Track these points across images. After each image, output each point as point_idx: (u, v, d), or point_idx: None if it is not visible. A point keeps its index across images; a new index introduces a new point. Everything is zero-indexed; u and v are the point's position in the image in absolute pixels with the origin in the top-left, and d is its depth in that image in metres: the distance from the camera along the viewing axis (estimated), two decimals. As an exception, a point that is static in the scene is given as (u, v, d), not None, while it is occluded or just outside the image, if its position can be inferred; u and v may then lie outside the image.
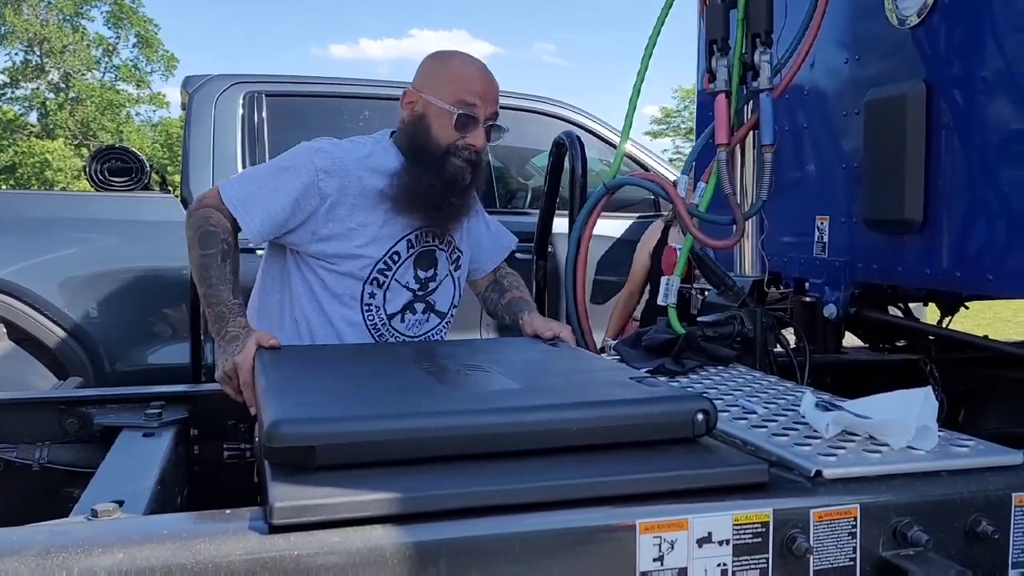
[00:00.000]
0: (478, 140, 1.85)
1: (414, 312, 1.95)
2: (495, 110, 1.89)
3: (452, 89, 1.85)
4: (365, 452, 1.04)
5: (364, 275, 1.87)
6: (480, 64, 1.92)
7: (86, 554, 0.85)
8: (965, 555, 1.08)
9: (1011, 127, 1.71)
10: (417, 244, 1.93)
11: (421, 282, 1.95)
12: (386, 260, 1.89)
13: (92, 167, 3.64)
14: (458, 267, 2.04)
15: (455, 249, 2.02)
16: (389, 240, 1.88)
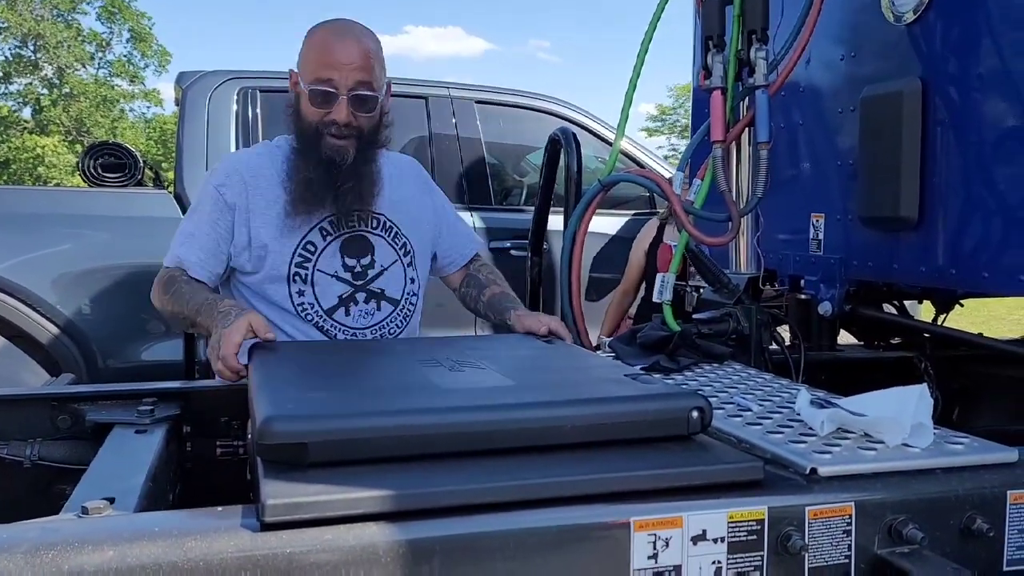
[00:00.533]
0: (339, 114, 1.79)
1: (356, 303, 1.90)
2: (363, 77, 1.81)
3: (311, 65, 1.81)
4: (358, 449, 1.03)
5: (283, 273, 1.85)
6: (345, 32, 1.84)
7: (76, 552, 0.84)
8: (960, 553, 1.08)
9: (1007, 124, 1.71)
10: (337, 230, 1.88)
11: (354, 271, 1.90)
12: (301, 252, 1.85)
13: (85, 163, 3.63)
14: (408, 253, 1.98)
15: (398, 235, 1.97)
16: (298, 231, 1.85)
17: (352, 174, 1.84)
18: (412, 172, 2.13)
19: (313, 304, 1.87)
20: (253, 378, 1.32)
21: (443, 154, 4.07)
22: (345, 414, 1.08)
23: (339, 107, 1.80)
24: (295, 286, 1.86)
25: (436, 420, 1.08)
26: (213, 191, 1.86)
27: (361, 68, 1.81)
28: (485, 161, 4.17)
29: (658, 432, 1.16)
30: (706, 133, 1.94)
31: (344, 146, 1.82)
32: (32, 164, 25.72)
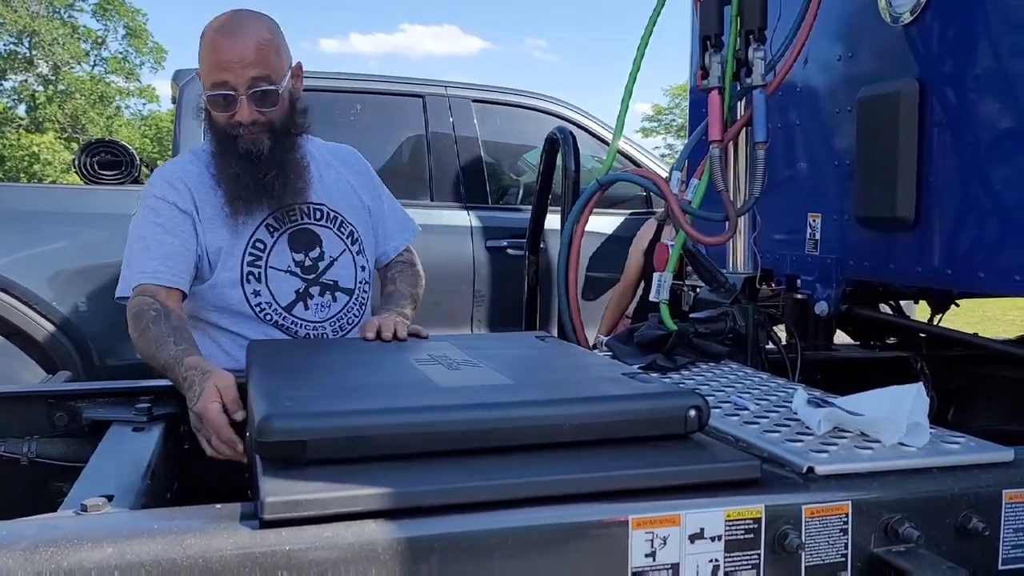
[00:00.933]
0: (242, 115, 1.76)
1: (311, 297, 1.89)
2: (258, 72, 1.75)
3: (206, 70, 1.77)
4: (356, 447, 1.03)
5: (237, 275, 1.83)
6: (230, 28, 1.76)
7: (75, 549, 0.85)
8: (956, 552, 1.08)
9: (1003, 125, 1.72)
10: (282, 225, 1.87)
11: (303, 265, 1.89)
12: (251, 251, 1.84)
13: (81, 160, 3.62)
14: (356, 241, 1.97)
15: (344, 224, 1.95)
16: (245, 230, 1.83)
17: (273, 163, 1.80)
18: (349, 160, 2.10)
19: (271, 303, 1.85)
20: (252, 376, 1.32)
21: (440, 153, 4.07)
22: (343, 412, 1.09)
23: (240, 108, 1.76)
24: (250, 286, 1.84)
25: (434, 418, 1.09)
26: (161, 203, 1.81)
27: (255, 63, 1.74)
28: (482, 160, 4.17)
29: (655, 431, 1.16)
30: (703, 133, 1.94)
31: (257, 138, 1.79)
32: (27, 162, 25.65)
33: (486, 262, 3.97)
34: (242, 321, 1.86)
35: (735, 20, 1.89)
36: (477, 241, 3.97)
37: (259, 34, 1.77)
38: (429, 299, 3.93)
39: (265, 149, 1.79)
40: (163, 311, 1.68)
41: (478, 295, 3.97)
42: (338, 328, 1.93)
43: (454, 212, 4.00)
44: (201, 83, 1.81)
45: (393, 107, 4.16)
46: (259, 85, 1.76)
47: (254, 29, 1.77)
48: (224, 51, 1.73)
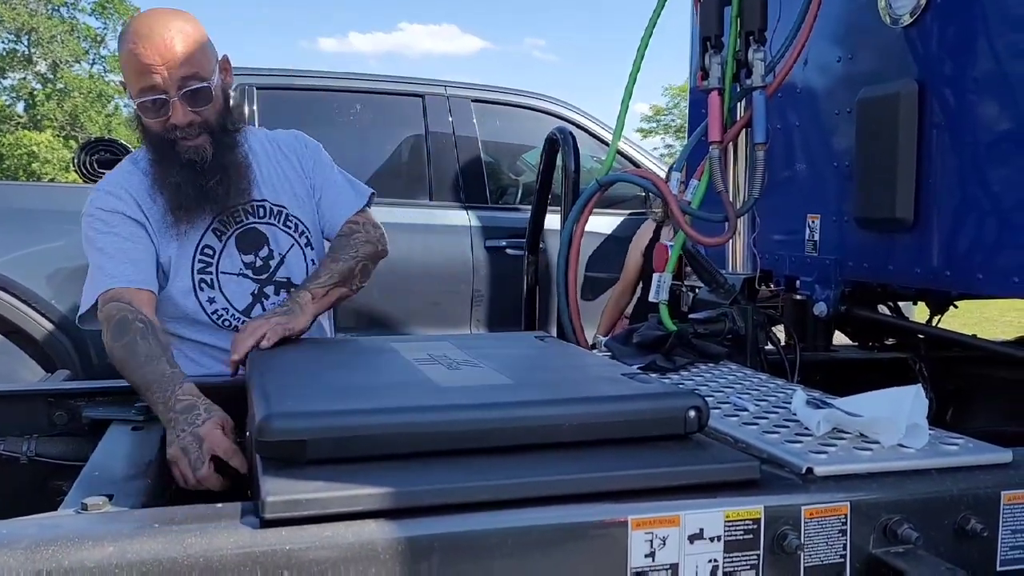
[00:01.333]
0: (176, 117, 1.68)
1: (267, 297, 1.85)
2: (187, 72, 1.67)
3: (131, 76, 1.68)
4: (356, 447, 1.03)
5: (188, 284, 1.78)
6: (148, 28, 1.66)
7: (76, 548, 0.85)
8: (954, 553, 1.09)
9: (1002, 127, 1.72)
10: (228, 228, 1.82)
11: (254, 266, 1.84)
12: (200, 258, 1.79)
13: (81, 159, 3.62)
14: (303, 234, 1.90)
15: (288, 217, 1.88)
16: (192, 237, 1.78)
17: (217, 169, 1.74)
18: (292, 145, 2.00)
19: (227, 308, 1.81)
20: (252, 376, 1.32)
21: (439, 152, 4.07)
22: (343, 412, 1.09)
23: (174, 111, 1.68)
24: (203, 294, 1.80)
25: (434, 418, 1.09)
26: (110, 215, 1.74)
27: (182, 62, 1.66)
28: (481, 160, 4.17)
29: (655, 431, 1.16)
30: (703, 134, 1.95)
31: (199, 144, 1.73)
32: (26, 160, 25.63)
33: (485, 262, 3.97)
34: (202, 329, 1.82)
35: (735, 21, 1.89)
36: (476, 241, 3.97)
37: (181, 30, 1.68)
38: (428, 299, 3.96)
39: (208, 155, 1.73)
40: (149, 325, 1.60)
41: (477, 295, 3.98)
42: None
43: (453, 212, 4.00)
44: (128, 92, 1.73)
45: (392, 107, 4.17)
46: (189, 84, 1.68)
47: (174, 26, 1.68)
48: (147, 54, 1.64)
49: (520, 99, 4.32)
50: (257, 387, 1.20)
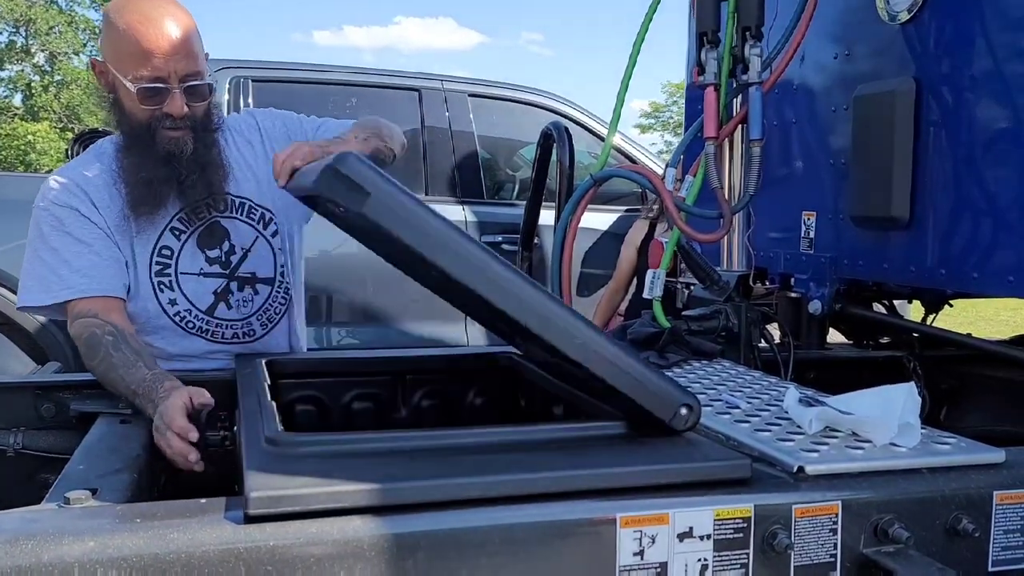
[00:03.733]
0: (174, 107, 1.62)
1: (232, 293, 1.78)
2: (191, 65, 1.63)
3: (129, 59, 1.60)
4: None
5: (147, 287, 1.70)
6: (156, 13, 1.61)
7: (56, 542, 0.84)
8: (946, 553, 1.08)
9: (998, 126, 1.71)
10: (188, 226, 1.73)
11: (220, 261, 1.77)
12: (157, 260, 1.71)
13: (74, 150, 3.60)
14: (269, 223, 1.82)
15: (252, 208, 1.80)
16: (149, 238, 1.70)
17: (195, 164, 1.68)
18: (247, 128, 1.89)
19: (190, 309, 1.75)
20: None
21: (436, 147, 4.06)
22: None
23: (173, 101, 1.62)
24: (164, 296, 1.73)
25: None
26: (64, 211, 1.66)
27: (187, 55, 1.63)
28: (478, 155, 4.16)
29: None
30: (699, 130, 1.94)
31: (180, 137, 1.66)
32: (23, 150, 25.54)
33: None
34: (167, 335, 1.76)
35: (732, 17, 1.88)
36: (472, 236, 3.96)
37: (183, 22, 1.64)
38: (423, 293, 3.93)
39: (188, 149, 1.67)
40: (118, 333, 1.56)
41: (472, 290, 3.96)
42: (265, 321, 1.84)
43: (449, 207, 3.99)
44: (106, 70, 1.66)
45: (389, 101, 4.15)
46: (191, 79, 1.64)
47: (180, 19, 1.64)
48: (152, 40, 1.59)
49: (517, 94, 4.31)
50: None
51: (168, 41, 1.60)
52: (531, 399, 1.70)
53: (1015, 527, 1.12)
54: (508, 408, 1.77)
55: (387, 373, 1.71)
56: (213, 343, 1.79)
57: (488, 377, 1.78)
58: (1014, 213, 1.68)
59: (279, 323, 1.87)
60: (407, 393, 1.72)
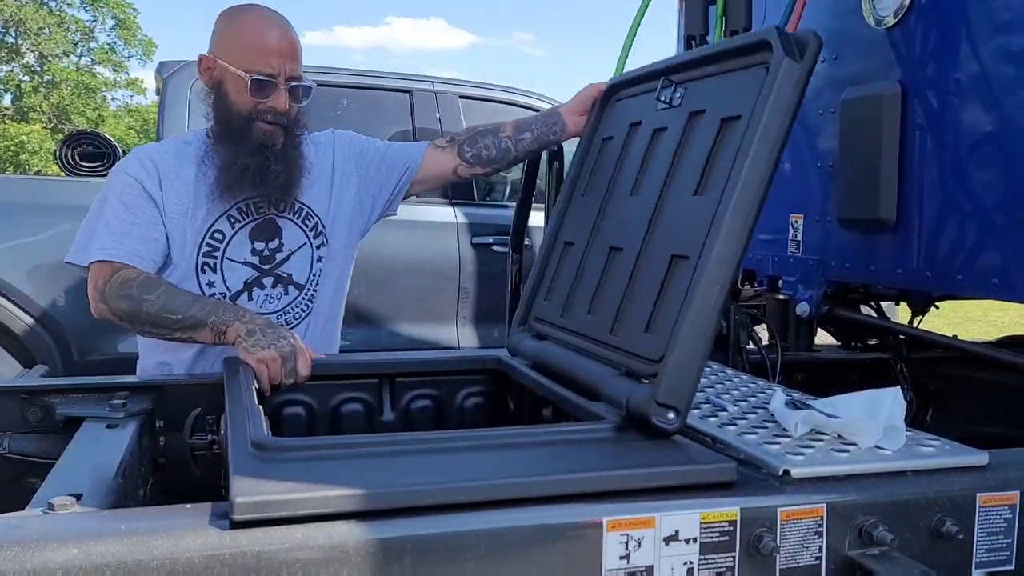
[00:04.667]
0: (279, 102, 1.78)
1: (262, 287, 1.86)
2: (297, 69, 1.81)
3: (244, 52, 1.77)
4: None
5: (192, 265, 1.80)
6: (276, 21, 1.82)
7: (40, 549, 0.83)
8: (930, 555, 1.09)
9: (983, 129, 1.72)
10: (245, 217, 1.84)
11: (262, 254, 1.86)
12: (207, 242, 1.81)
13: (63, 152, 3.59)
14: (319, 235, 1.92)
15: (309, 216, 1.91)
16: (206, 221, 1.81)
17: (282, 159, 1.81)
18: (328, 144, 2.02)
19: (225, 294, 1.84)
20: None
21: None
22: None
23: (278, 96, 1.78)
24: (204, 277, 1.82)
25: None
26: (132, 182, 1.79)
27: (295, 59, 1.81)
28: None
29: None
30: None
31: (275, 131, 1.80)
32: (14, 151, 25.40)
33: (472, 259, 3.96)
34: None
35: (720, 20, 1.89)
36: (463, 238, 3.96)
37: (296, 35, 1.84)
38: (414, 296, 3.94)
39: (279, 144, 1.80)
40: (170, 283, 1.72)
41: (463, 292, 3.97)
42: (283, 322, 1.88)
43: (440, 208, 3.99)
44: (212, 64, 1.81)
45: (380, 102, 4.15)
46: (296, 81, 1.81)
47: (292, 29, 1.83)
48: (271, 39, 1.77)
49: (508, 95, 4.31)
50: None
51: (284, 43, 1.79)
52: (520, 402, 1.70)
53: (998, 529, 1.12)
54: (497, 411, 1.77)
55: (375, 376, 1.71)
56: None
57: (477, 380, 1.78)
58: (999, 216, 1.69)
59: (297, 326, 1.92)
60: (396, 396, 1.72)
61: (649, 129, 1.59)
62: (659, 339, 1.26)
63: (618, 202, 1.60)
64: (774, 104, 1.23)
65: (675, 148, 1.47)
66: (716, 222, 1.22)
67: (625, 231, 1.51)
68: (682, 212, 1.38)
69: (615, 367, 1.35)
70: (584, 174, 1.80)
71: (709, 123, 1.40)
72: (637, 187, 1.55)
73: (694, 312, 1.18)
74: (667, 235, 1.39)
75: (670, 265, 1.33)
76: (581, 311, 1.55)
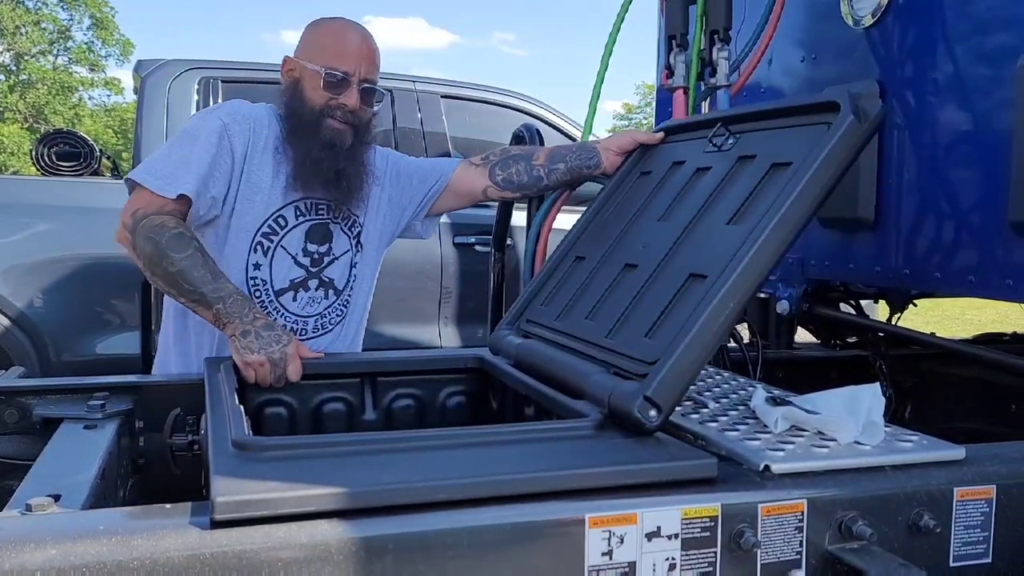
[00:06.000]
0: (350, 99, 1.83)
1: (307, 289, 1.90)
2: (372, 73, 1.87)
3: (324, 52, 1.84)
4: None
5: (249, 237, 1.82)
6: (357, 28, 1.90)
7: (18, 550, 0.83)
8: (908, 548, 1.10)
9: (959, 128, 1.74)
10: (307, 213, 1.88)
11: (313, 256, 1.90)
12: (271, 223, 1.84)
13: (39, 151, 3.55)
14: (360, 244, 1.97)
15: (355, 224, 1.96)
16: (276, 202, 1.84)
17: (351, 159, 1.85)
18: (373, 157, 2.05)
19: (265, 281, 1.85)
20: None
21: (408, 148, 4.04)
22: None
23: (350, 93, 1.83)
24: (254, 256, 1.84)
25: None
26: (221, 127, 1.79)
27: (372, 64, 1.87)
28: (450, 155, 4.15)
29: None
30: (668, 132, 1.95)
31: (344, 130, 1.84)
32: (-10, 152, 25.09)
33: (454, 259, 3.95)
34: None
35: (700, 20, 1.90)
36: (445, 237, 3.95)
37: (376, 46, 1.91)
38: (395, 296, 3.92)
39: (346, 144, 1.84)
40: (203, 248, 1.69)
41: (445, 292, 3.96)
42: (319, 326, 1.93)
43: (421, 208, 3.98)
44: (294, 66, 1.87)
45: (360, 101, 4.12)
46: (370, 84, 1.86)
47: (373, 40, 1.91)
48: (352, 43, 1.85)
49: (489, 95, 4.31)
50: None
51: (363, 47, 1.86)
52: (502, 400, 1.70)
53: (975, 523, 1.14)
54: (479, 409, 1.77)
55: (357, 375, 1.71)
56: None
57: (459, 379, 1.78)
58: (975, 215, 1.71)
59: (331, 331, 1.95)
60: (377, 395, 1.72)
61: (692, 168, 1.62)
62: (658, 344, 1.27)
63: (643, 225, 1.63)
64: (829, 154, 1.28)
65: (717, 184, 1.51)
66: (746, 246, 1.25)
67: (644, 251, 1.54)
68: (711, 238, 1.41)
69: (603, 366, 1.36)
70: (614, 200, 1.82)
71: (757, 167, 1.44)
72: (667, 214, 1.58)
73: (703, 322, 1.21)
74: (689, 257, 1.41)
75: (686, 282, 1.35)
76: (579, 316, 1.57)
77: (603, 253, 1.65)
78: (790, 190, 1.28)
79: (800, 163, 1.32)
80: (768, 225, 1.25)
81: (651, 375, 1.20)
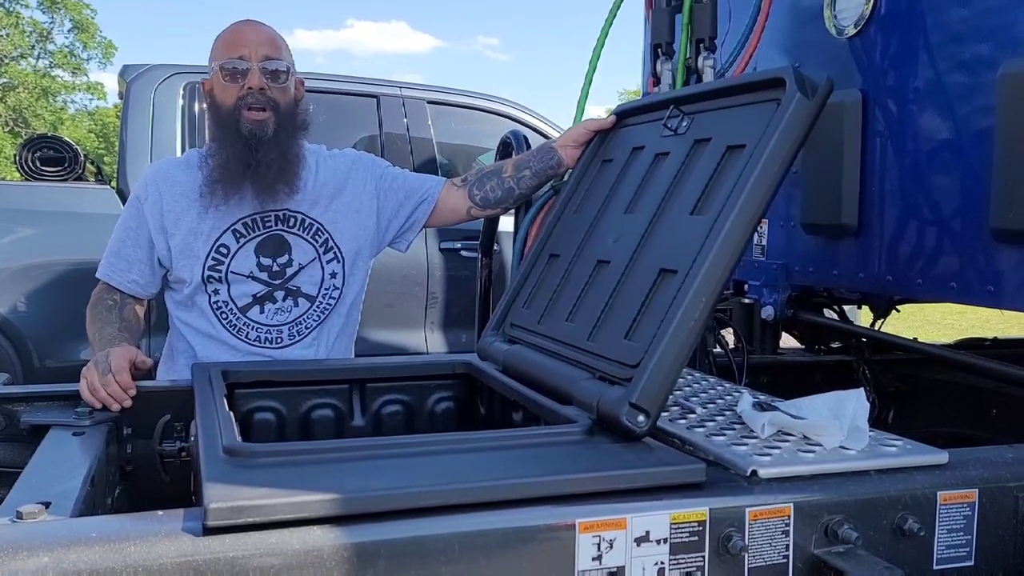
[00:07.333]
0: (253, 80, 1.81)
1: (274, 300, 1.91)
2: (273, 52, 1.85)
3: (218, 51, 1.85)
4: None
5: (198, 276, 1.87)
6: (248, 21, 1.91)
7: (9, 558, 0.82)
8: (893, 552, 1.11)
9: (941, 137, 1.77)
10: (250, 231, 1.89)
11: (271, 270, 1.90)
12: (213, 256, 1.87)
13: (23, 156, 3.52)
14: (329, 249, 1.95)
15: (319, 231, 1.94)
16: (214, 235, 1.87)
17: (274, 146, 1.82)
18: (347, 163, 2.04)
19: (227, 302, 1.90)
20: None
21: (394, 153, 4.04)
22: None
23: (251, 75, 1.81)
24: (211, 286, 1.89)
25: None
26: (135, 200, 1.91)
27: (269, 44, 1.85)
28: (436, 161, 4.16)
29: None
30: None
31: (263, 119, 1.82)
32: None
33: (440, 264, 3.96)
34: (202, 316, 1.91)
35: (686, 29, 1.92)
36: (431, 243, 3.96)
37: (271, 30, 1.90)
38: (382, 301, 3.93)
39: (269, 131, 1.82)
40: (119, 304, 1.87)
41: (432, 297, 3.96)
42: (295, 333, 1.94)
43: (407, 214, 3.98)
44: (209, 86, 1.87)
45: (347, 107, 4.13)
46: (271, 64, 1.83)
47: (266, 26, 1.91)
48: (241, 32, 1.85)
49: (475, 101, 4.33)
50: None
51: (251, 32, 1.86)
52: (491, 406, 1.71)
53: (958, 526, 1.16)
54: (468, 415, 1.77)
55: (346, 381, 1.71)
56: (238, 339, 1.91)
57: (447, 384, 1.78)
58: (956, 221, 1.74)
59: (307, 336, 1.96)
60: (366, 401, 1.72)
61: (651, 153, 1.62)
62: (638, 346, 1.28)
63: (611, 219, 1.63)
64: (781, 134, 1.27)
65: (676, 171, 1.50)
66: (711, 238, 1.25)
67: (615, 246, 1.53)
68: (677, 230, 1.40)
69: (588, 371, 1.37)
70: (579, 192, 1.82)
71: (713, 150, 1.44)
72: (633, 205, 1.58)
73: (678, 320, 1.21)
74: (658, 250, 1.41)
75: (657, 278, 1.35)
76: (559, 319, 1.57)
77: (575, 250, 1.65)
78: (747, 175, 1.27)
79: (754, 146, 1.31)
80: (730, 215, 1.24)
81: (635, 380, 1.21)
